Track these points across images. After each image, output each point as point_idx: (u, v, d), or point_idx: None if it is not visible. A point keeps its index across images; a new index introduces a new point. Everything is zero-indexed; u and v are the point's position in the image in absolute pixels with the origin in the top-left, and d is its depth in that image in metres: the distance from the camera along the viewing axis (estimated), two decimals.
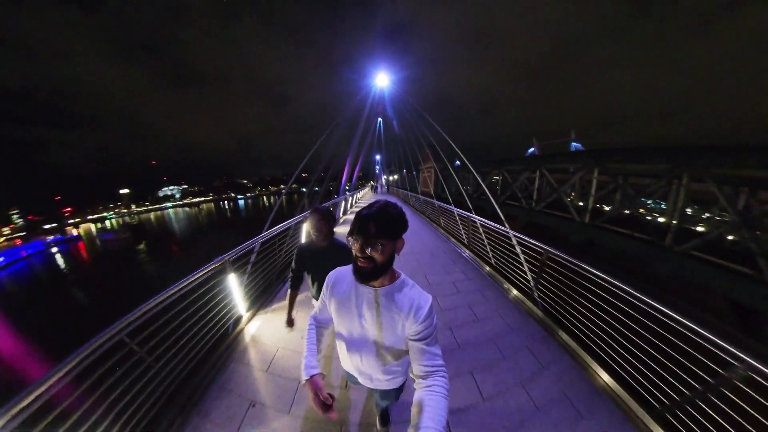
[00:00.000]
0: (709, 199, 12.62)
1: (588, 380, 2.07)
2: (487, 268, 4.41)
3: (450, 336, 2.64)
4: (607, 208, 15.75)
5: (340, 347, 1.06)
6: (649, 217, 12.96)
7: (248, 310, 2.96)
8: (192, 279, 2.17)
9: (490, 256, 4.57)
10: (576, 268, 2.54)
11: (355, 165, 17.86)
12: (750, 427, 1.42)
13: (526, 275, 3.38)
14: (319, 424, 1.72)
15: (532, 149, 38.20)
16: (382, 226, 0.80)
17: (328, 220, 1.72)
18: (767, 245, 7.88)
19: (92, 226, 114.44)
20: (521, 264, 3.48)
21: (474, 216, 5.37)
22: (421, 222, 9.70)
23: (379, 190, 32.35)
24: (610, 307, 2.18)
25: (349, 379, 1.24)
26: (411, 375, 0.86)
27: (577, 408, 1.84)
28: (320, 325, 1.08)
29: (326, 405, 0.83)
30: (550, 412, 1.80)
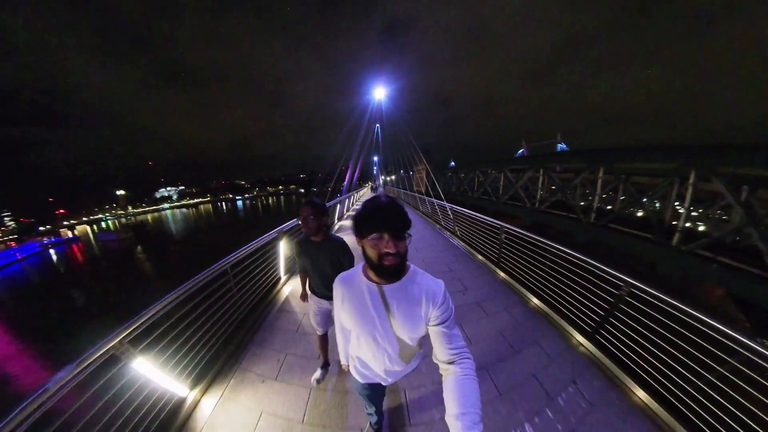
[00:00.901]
0: (707, 198, 12.65)
1: (535, 314, 2.87)
2: (463, 244, 5.68)
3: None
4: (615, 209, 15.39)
5: (363, 354, 1.04)
6: (656, 217, 12.12)
7: (285, 274, 3.82)
8: (259, 241, 3.14)
9: (458, 233, 6.36)
10: (526, 237, 3.48)
11: (356, 167, 18.67)
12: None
13: (492, 246, 4.42)
14: None
15: (521, 150, 39.61)
16: (404, 217, 0.78)
17: (317, 215, 1.63)
18: None
19: (88, 228, 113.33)
20: (487, 238, 4.62)
21: (445, 203, 7.39)
22: (408, 209, 12.56)
23: (380, 190, 32.88)
24: (549, 261, 3.03)
25: (367, 401, 1.37)
26: (435, 361, 0.86)
27: (533, 335, 2.57)
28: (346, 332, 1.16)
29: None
30: (510, 336, 2.57)
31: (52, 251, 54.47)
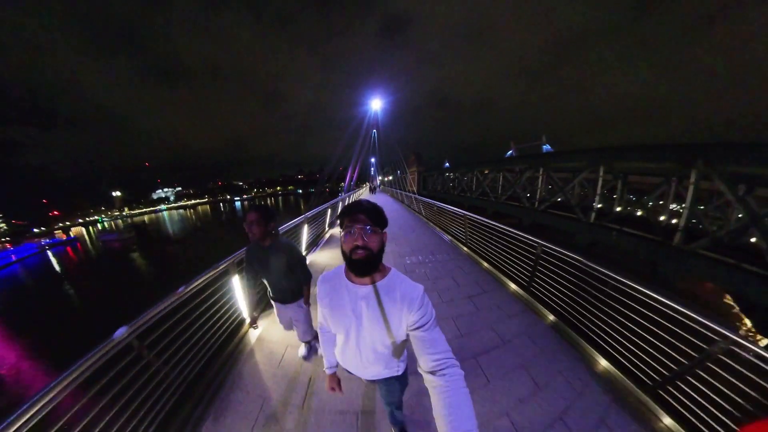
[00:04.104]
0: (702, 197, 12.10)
1: (443, 240, 5.76)
2: (421, 216, 9.48)
3: (405, 242, 6.12)
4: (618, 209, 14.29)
5: (339, 349, 1.06)
6: (662, 218, 11.92)
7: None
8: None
9: (426, 216, 9.49)
10: (444, 207, 6.46)
11: (355, 168, 19.88)
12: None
13: (432, 214, 7.78)
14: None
15: (510, 151, 40.84)
16: (371, 213, 0.85)
17: (261, 222, 1.63)
18: None
19: (83, 230, 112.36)
20: (430, 211, 7.93)
21: (417, 195, 10.91)
22: (396, 203, 17.24)
23: (378, 191, 31.70)
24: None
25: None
26: (420, 371, 0.83)
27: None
28: (329, 331, 1.11)
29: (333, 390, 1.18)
30: (430, 246, 5.44)
31: (50, 252, 54.05)
